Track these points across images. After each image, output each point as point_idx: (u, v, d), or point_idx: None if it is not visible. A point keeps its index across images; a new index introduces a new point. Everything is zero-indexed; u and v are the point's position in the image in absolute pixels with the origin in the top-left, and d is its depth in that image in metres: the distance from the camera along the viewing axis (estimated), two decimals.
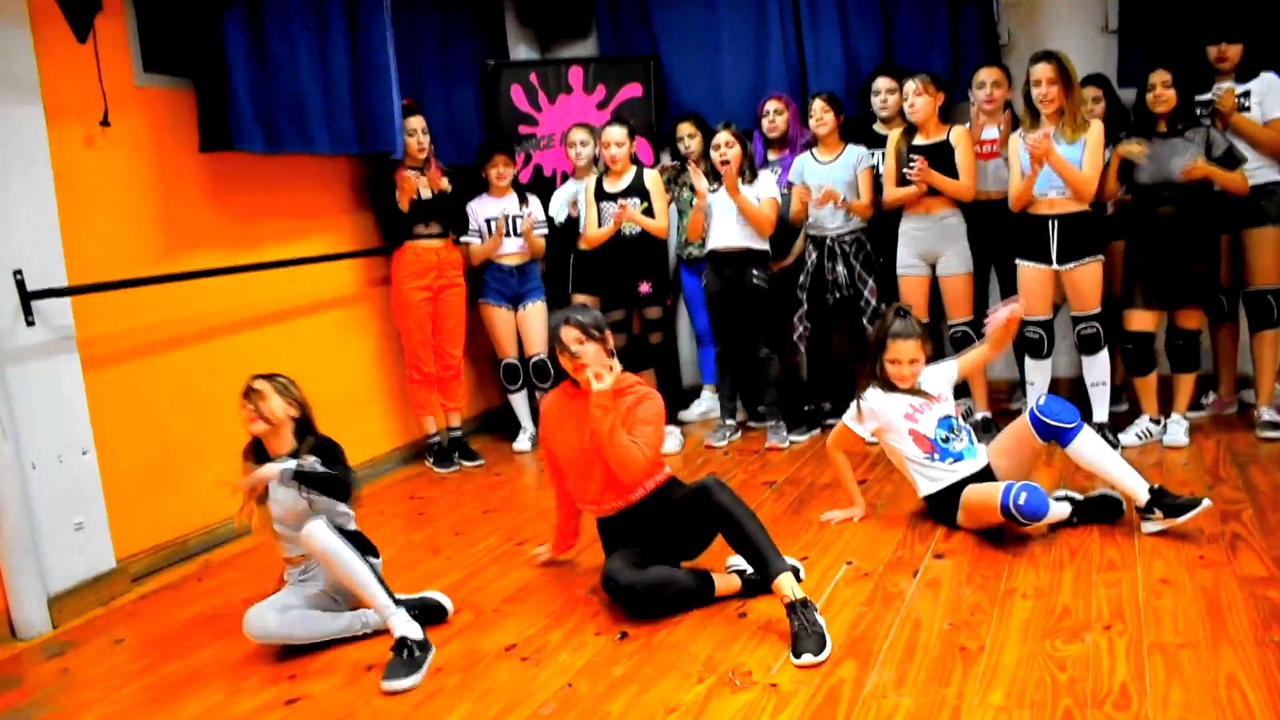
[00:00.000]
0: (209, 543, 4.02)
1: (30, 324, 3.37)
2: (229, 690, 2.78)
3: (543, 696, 2.56)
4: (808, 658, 2.59)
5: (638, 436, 3.02)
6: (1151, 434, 4.33)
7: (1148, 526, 3.28)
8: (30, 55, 3.41)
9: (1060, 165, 4.03)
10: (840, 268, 4.80)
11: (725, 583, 3.08)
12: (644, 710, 2.44)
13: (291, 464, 2.85)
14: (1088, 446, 3.37)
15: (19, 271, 3.33)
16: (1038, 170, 4.08)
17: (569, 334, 3.08)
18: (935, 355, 4.53)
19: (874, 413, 3.58)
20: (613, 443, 2.98)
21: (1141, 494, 3.27)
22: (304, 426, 3.04)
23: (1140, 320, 4.26)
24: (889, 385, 3.56)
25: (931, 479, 3.50)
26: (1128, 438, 4.31)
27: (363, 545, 2.98)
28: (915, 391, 3.57)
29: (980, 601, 2.89)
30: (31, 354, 3.39)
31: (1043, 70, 4.11)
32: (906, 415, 3.52)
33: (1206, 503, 3.22)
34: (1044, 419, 3.38)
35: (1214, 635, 2.56)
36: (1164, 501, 3.24)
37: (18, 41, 3.37)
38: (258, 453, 3.02)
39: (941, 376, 3.67)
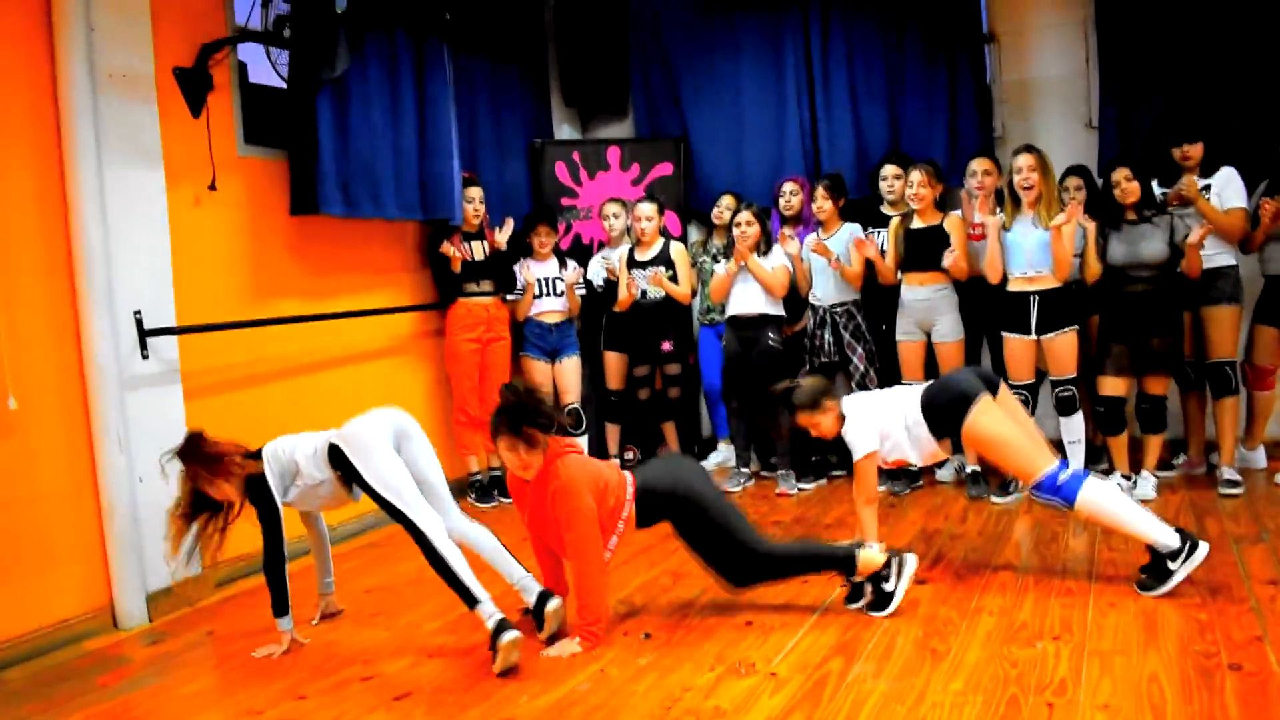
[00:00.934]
0: None
1: (145, 357, 3.94)
2: (312, 667, 3.29)
3: (580, 678, 3.06)
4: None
5: (572, 557, 3.36)
6: (1123, 488, 4.78)
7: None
8: (155, 127, 4.04)
9: (1057, 243, 4.59)
10: (828, 335, 5.35)
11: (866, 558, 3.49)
12: (665, 690, 2.94)
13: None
14: (1095, 500, 3.56)
15: (138, 312, 3.92)
16: (994, 238, 4.75)
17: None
18: None
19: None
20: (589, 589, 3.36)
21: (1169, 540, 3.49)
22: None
23: (1112, 386, 4.77)
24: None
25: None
26: None
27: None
28: None
29: (952, 617, 3.38)
30: (144, 383, 3.96)
31: (1025, 160, 4.69)
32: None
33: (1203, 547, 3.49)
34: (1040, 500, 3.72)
35: (1145, 645, 3.03)
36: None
37: (147, 117, 4.00)
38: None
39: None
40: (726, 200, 5.84)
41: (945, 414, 3.75)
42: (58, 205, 3.74)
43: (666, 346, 5.65)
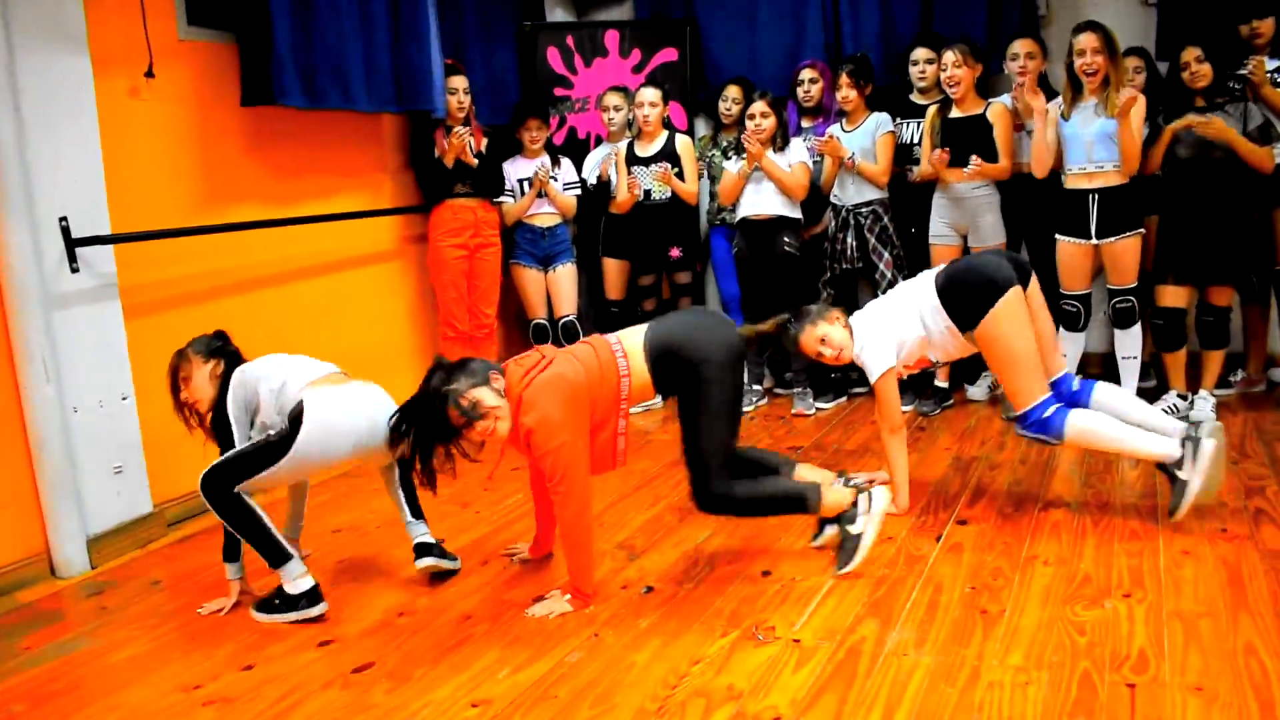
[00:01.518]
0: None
1: (75, 270, 3.44)
2: (263, 631, 2.86)
3: (570, 646, 2.62)
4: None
5: (556, 505, 2.86)
6: (1178, 409, 4.33)
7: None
8: (79, 6, 3.47)
9: (1125, 134, 4.03)
10: (851, 239, 4.82)
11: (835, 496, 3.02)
12: (669, 661, 2.50)
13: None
14: (1085, 428, 3.24)
15: (64, 219, 3.40)
16: (1041, 122, 4.19)
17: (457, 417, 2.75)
18: None
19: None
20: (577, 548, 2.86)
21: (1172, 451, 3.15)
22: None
23: (1172, 296, 4.26)
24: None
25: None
26: None
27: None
28: None
29: (1002, 567, 2.93)
30: (75, 300, 3.47)
31: (1087, 40, 4.08)
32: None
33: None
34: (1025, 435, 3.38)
35: (1234, 605, 2.58)
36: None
37: None
38: None
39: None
40: (733, 92, 5.24)
41: (969, 301, 3.25)
42: None
43: (675, 253, 5.11)
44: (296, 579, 2.89)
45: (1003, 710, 2.17)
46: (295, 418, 2.83)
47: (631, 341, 2.94)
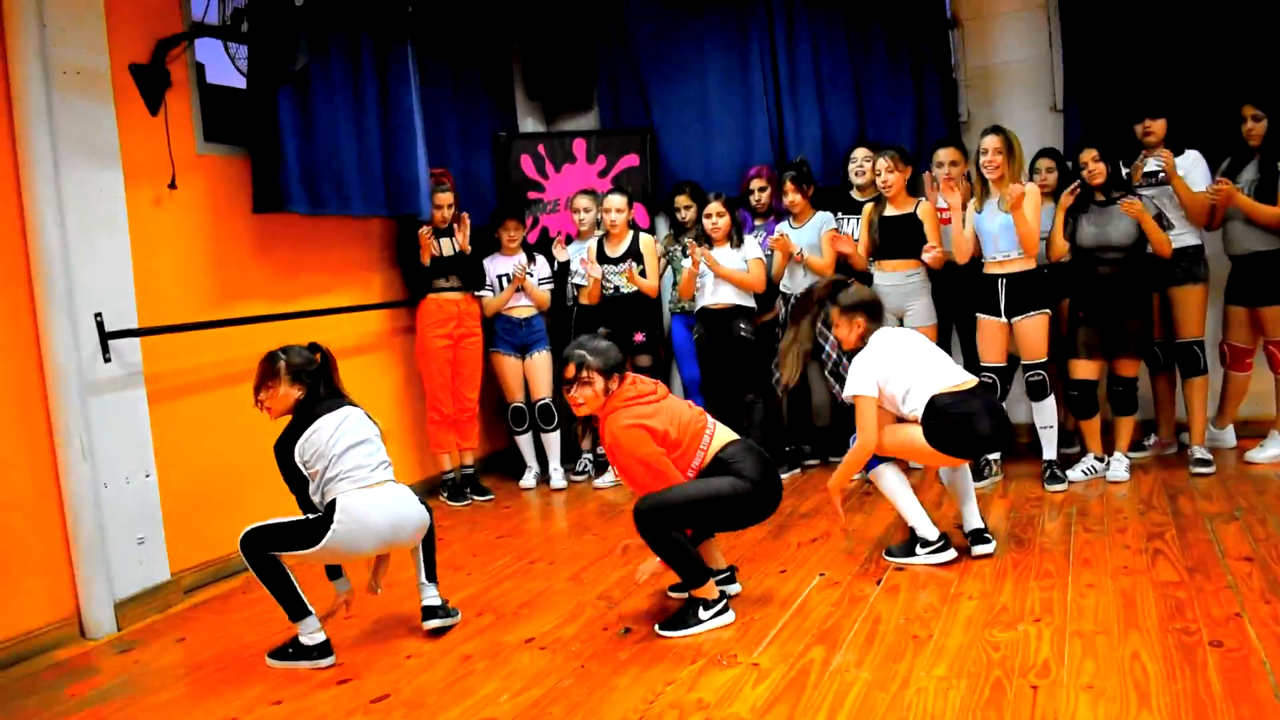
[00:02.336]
0: None
1: (107, 360, 3.85)
2: (287, 674, 3.23)
3: (560, 675, 3.02)
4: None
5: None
6: (1096, 470, 4.82)
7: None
8: (113, 127, 3.95)
9: (1020, 223, 4.59)
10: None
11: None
12: (647, 684, 2.91)
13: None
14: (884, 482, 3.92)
15: (99, 314, 3.83)
16: (958, 218, 4.78)
17: (569, 370, 3.40)
18: None
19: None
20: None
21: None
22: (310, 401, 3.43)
23: (1084, 369, 4.78)
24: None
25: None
26: (1074, 474, 4.80)
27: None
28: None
29: (933, 602, 3.37)
30: (107, 386, 3.87)
31: (990, 141, 4.70)
32: None
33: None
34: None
35: (1125, 625, 3.03)
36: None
37: (103, 115, 3.91)
38: None
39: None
40: (683, 199, 5.70)
41: (950, 439, 3.69)
42: (13, 207, 3.64)
43: (639, 338, 5.60)
44: (312, 633, 3.28)
45: (928, 710, 2.60)
46: (329, 512, 3.25)
47: (721, 435, 3.49)
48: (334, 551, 3.28)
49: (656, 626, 3.31)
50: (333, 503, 3.25)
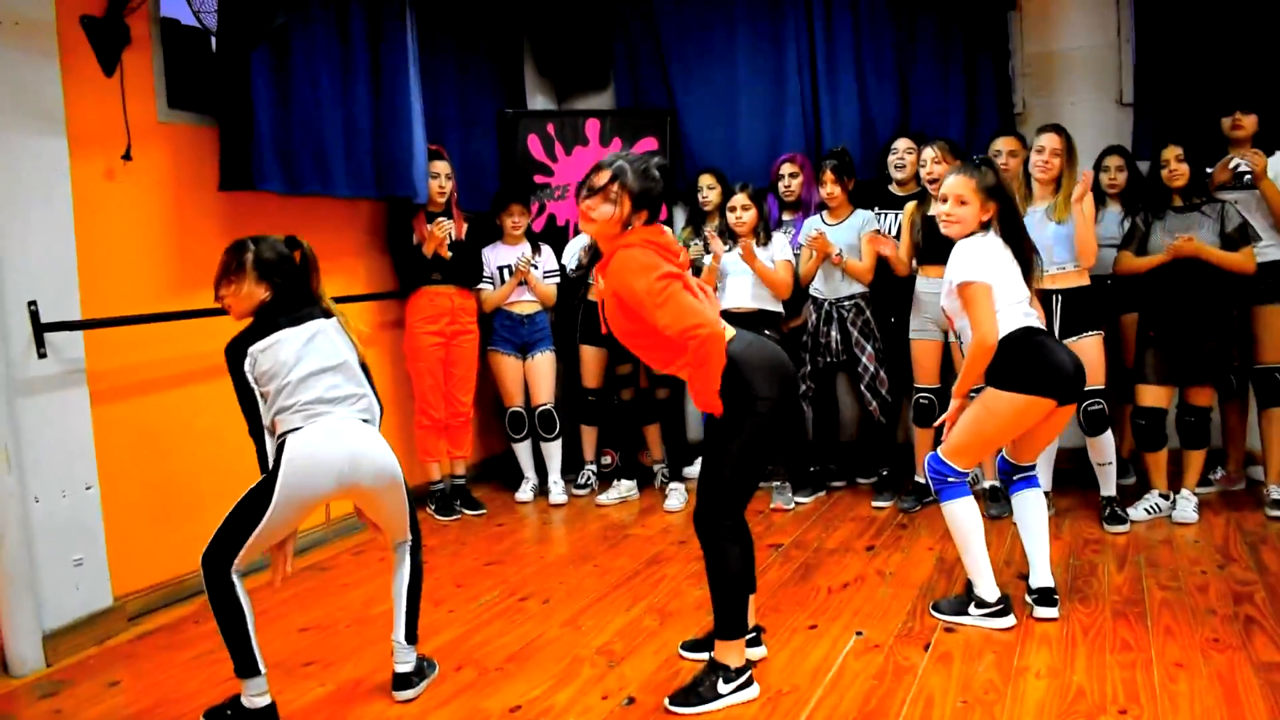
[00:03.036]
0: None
1: (42, 355, 3.35)
2: None
3: None
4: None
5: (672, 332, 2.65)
6: (1160, 509, 4.30)
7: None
8: (57, 87, 3.44)
9: (1082, 220, 4.05)
10: (835, 332, 4.80)
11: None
12: None
13: None
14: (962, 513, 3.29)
15: (34, 303, 3.32)
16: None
17: (600, 178, 2.75)
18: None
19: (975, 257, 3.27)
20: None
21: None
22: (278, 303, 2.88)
23: (1153, 396, 4.25)
24: None
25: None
26: (1136, 513, 4.28)
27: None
28: None
29: (993, 679, 2.85)
30: (41, 386, 3.37)
31: (1049, 140, 4.17)
32: None
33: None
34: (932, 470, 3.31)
35: None
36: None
37: (46, 72, 3.40)
38: None
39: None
40: (707, 179, 5.19)
41: (1015, 371, 3.13)
42: None
43: None
44: (256, 695, 2.75)
45: None
46: (275, 463, 2.71)
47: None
48: (290, 505, 2.70)
49: (666, 701, 2.79)
50: (281, 445, 2.72)
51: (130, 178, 3.73)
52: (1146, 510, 4.31)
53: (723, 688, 2.76)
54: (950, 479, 3.26)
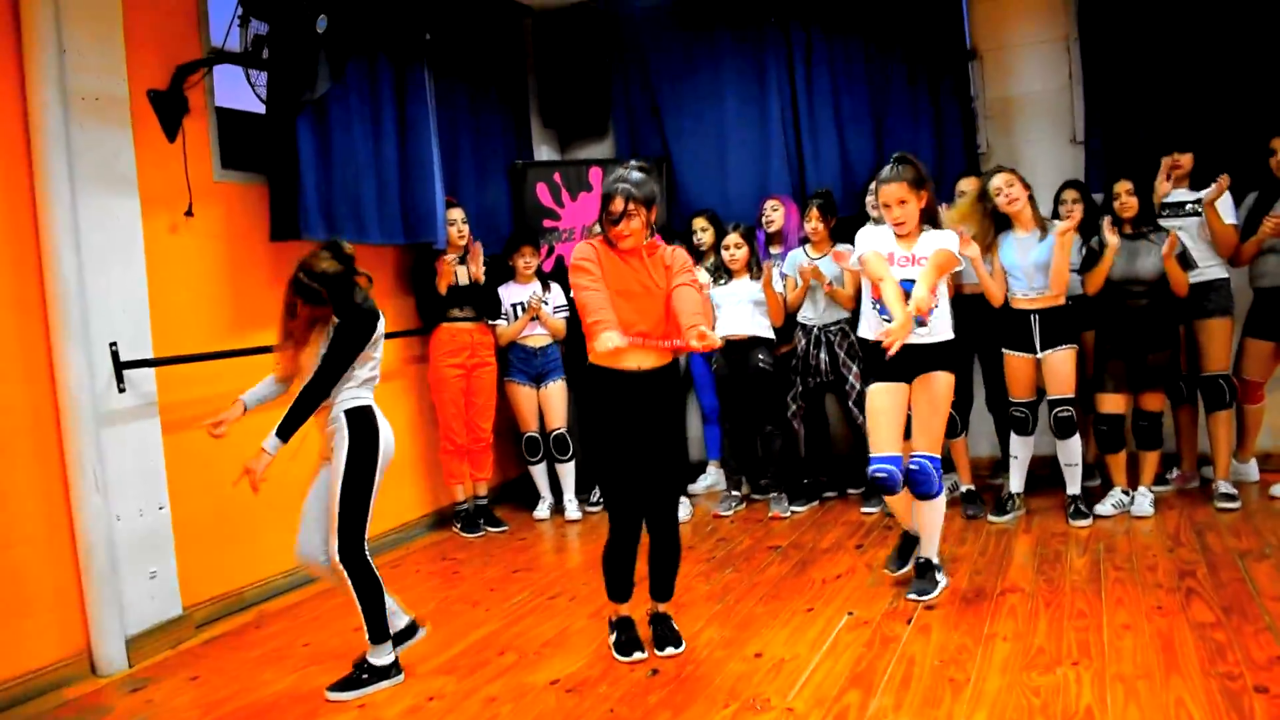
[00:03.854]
0: (264, 594, 4.38)
1: (121, 390, 3.79)
2: (305, 714, 3.14)
3: (589, 719, 2.94)
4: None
5: (684, 287, 3.27)
6: (1124, 504, 4.75)
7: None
8: (131, 154, 3.91)
9: (1060, 258, 4.53)
10: (824, 354, 5.27)
11: None
12: None
13: (273, 443, 3.21)
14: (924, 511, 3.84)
15: (114, 344, 3.77)
16: (979, 269, 4.62)
17: (618, 206, 3.21)
18: None
19: (862, 239, 3.78)
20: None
21: (924, 553, 3.92)
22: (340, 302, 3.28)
23: (1112, 403, 4.72)
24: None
25: (864, 326, 3.86)
26: (1104, 508, 4.72)
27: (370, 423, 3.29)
28: (906, 243, 3.74)
29: (966, 643, 3.30)
30: (120, 417, 3.81)
31: (1001, 179, 4.65)
32: (888, 255, 3.70)
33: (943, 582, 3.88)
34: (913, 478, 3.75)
35: (1166, 669, 2.96)
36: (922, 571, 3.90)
37: (121, 142, 3.87)
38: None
39: (931, 244, 3.72)
40: (700, 222, 5.67)
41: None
42: (29, 234, 3.59)
43: None
44: (385, 655, 3.29)
45: None
46: (366, 421, 3.26)
47: None
48: (382, 471, 3.31)
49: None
50: (364, 410, 3.27)
51: (191, 232, 4.19)
52: (1113, 505, 4.75)
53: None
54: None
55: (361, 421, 3.27)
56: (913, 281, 3.62)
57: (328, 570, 3.29)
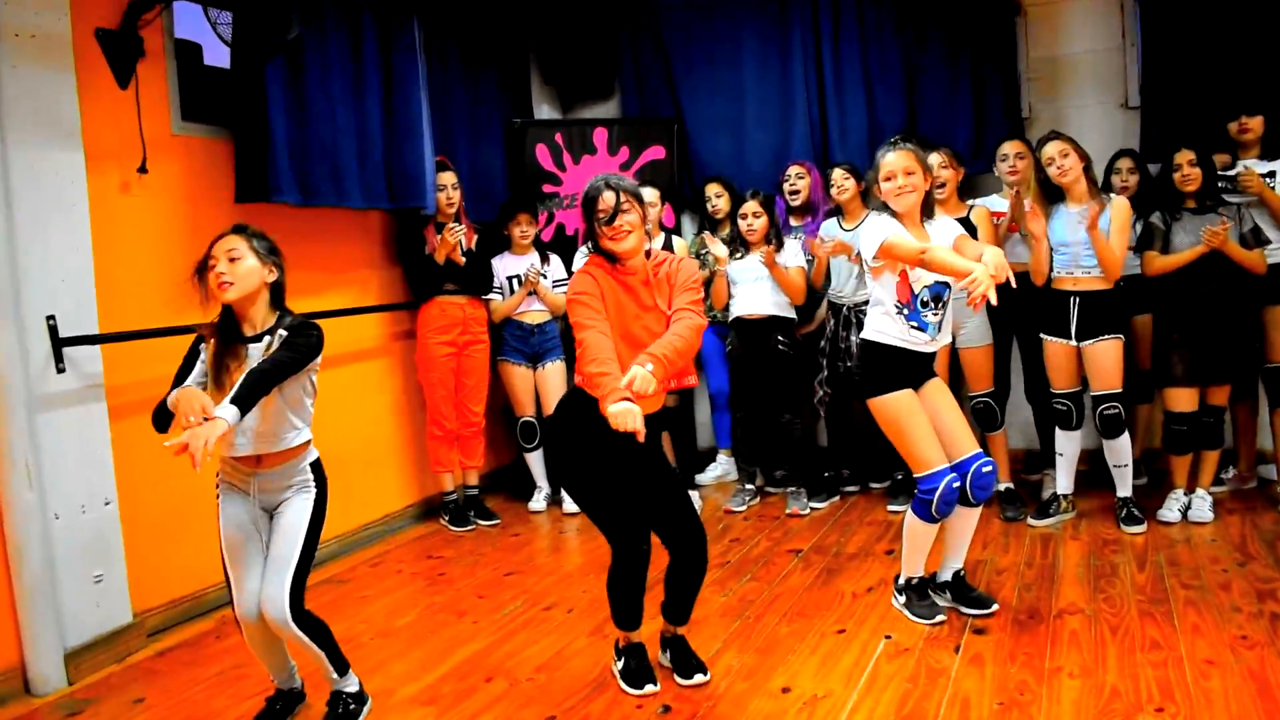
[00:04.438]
0: (225, 598, 3.88)
1: (61, 371, 3.33)
2: None
3: None
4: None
5: (681, 317, 2.78)
6: (1185, 508, 4.30)
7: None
8: (74, 100, 3.42)
9: (1099, 244, 4.05)
10: (855, 336, 4.79)
11: None
12: None
13: (231, 412, 2.42)
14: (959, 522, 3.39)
15: (52, 317, 3.30)
16: (1041, 245, 4.13)
17: (609, 199, 2.82)
18: None
19: (869, 230, 3.30)
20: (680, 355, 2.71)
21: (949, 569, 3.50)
22: (279, 293, 2.77)
23: (1185, 400, 4.23)
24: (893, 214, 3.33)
25: (879, 329, 3.31)
26: (1169, 513, 4.26)
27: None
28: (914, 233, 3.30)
29: (1027, 680, 2.85)
30: (60, 401, 3.35)
31: (1054, 147, 4.14)
32: None
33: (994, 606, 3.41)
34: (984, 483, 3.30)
35: (1267, 717, 2.52)
36: (960, 590, 3.47)
37: (62, 86, 3.38)
38: (225, 328, 2.72)
39: (948, 233, 3.34)
40: (714, 187, 5.24)
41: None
42: None
43: None
44: (354, 680, 2.87)
45: None
46: (321, 486, 2.78)
47: None
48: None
49: None
50: (318, 462, 2.80)
51: (146, 191, 3.72)
52: (1180, 511, 4.29)
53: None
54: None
55: (321, 474, 2.80)
56: (940, 284, 3.26)
57: (278, 626, 2.68)
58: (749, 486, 5.02)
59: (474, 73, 5.33)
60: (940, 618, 3.32)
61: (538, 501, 5.19)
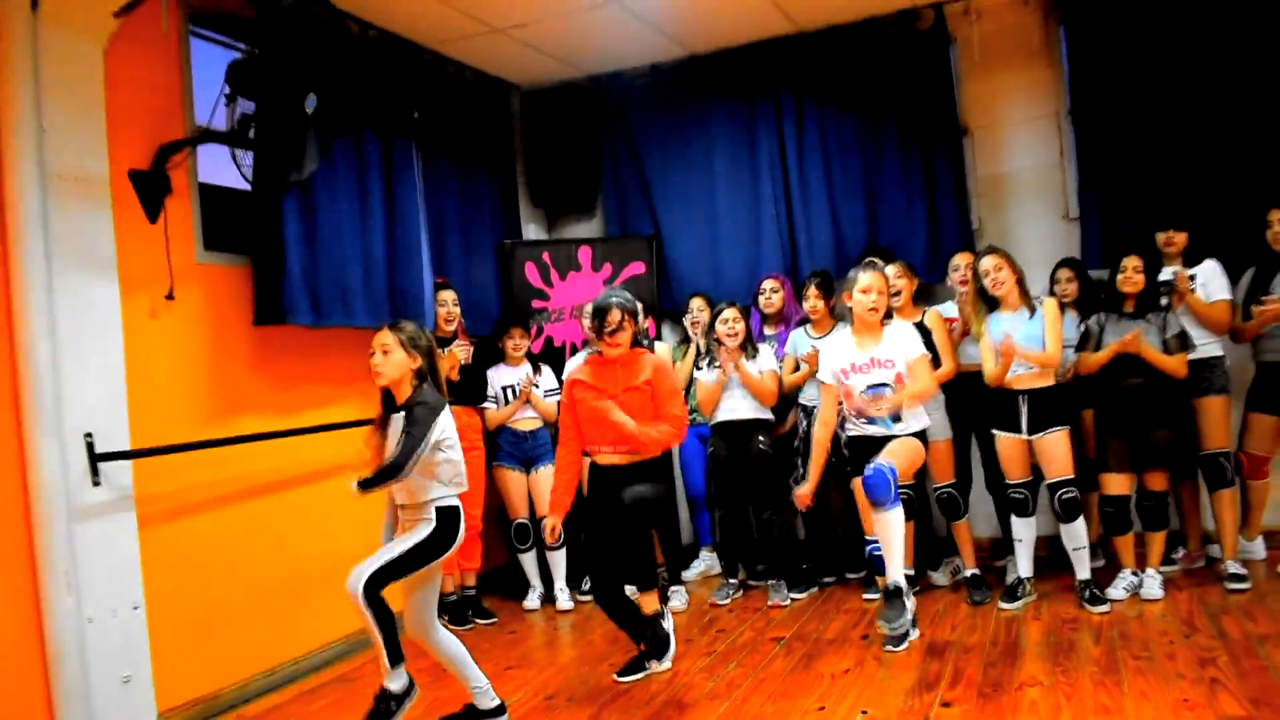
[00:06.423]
0: (242, 696, 4.15)
1: (96, 484, 3.61)
2: None
3: None
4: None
5: (663, 422, 3.97)
6: (1134, 587, 4.61)
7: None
8: (110, 235, 3.78)
9: (1030, 357, 4.48)
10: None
11: None
12: None
13: (355, 490, 3.26)
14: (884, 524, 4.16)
15: (89, 435, 3.60)
16: (1007, 364, 4.52)
17: (615, 318, 3.92)
18: (920, 517, 4.89)
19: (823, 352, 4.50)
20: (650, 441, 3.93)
21: (891, 578, 4.19)
22: (426, 374, 3.45)
23: (1117, 484, 4.60)
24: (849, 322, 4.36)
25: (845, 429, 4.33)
26: (1116, 592, 4.57)
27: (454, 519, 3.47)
28: (865, 345, 4.35)
29: None
30: (95, 512, 3.62)
31: (989, 261, 4.62)
32: (842, 369, 4.38)
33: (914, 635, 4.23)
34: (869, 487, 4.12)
35: None
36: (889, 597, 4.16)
37: (100, 223, 3.75)
38: (386, 401, 3.48)
39: (903, 344, 4.33)
40: (697, 302, 5.65)
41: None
42: (2, 319, 3.46)
43: None
44: (401, 677, 3.42)
45: None
46: (449, 526, 3.45)
47: None
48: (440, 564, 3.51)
49: None
50: (454, 510, 3.47)
51: (172, 316, 4.05)
52: (1125, 589, 4.61)
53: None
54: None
55: (450, 520, 3.46)
56: (880, 385, 4.29)
57: (351, 593, 3.28)
58: (732, 580, 5.31)
59: (468, 196, 5.76)
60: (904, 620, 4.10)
61: (532, 600, 5.44)
